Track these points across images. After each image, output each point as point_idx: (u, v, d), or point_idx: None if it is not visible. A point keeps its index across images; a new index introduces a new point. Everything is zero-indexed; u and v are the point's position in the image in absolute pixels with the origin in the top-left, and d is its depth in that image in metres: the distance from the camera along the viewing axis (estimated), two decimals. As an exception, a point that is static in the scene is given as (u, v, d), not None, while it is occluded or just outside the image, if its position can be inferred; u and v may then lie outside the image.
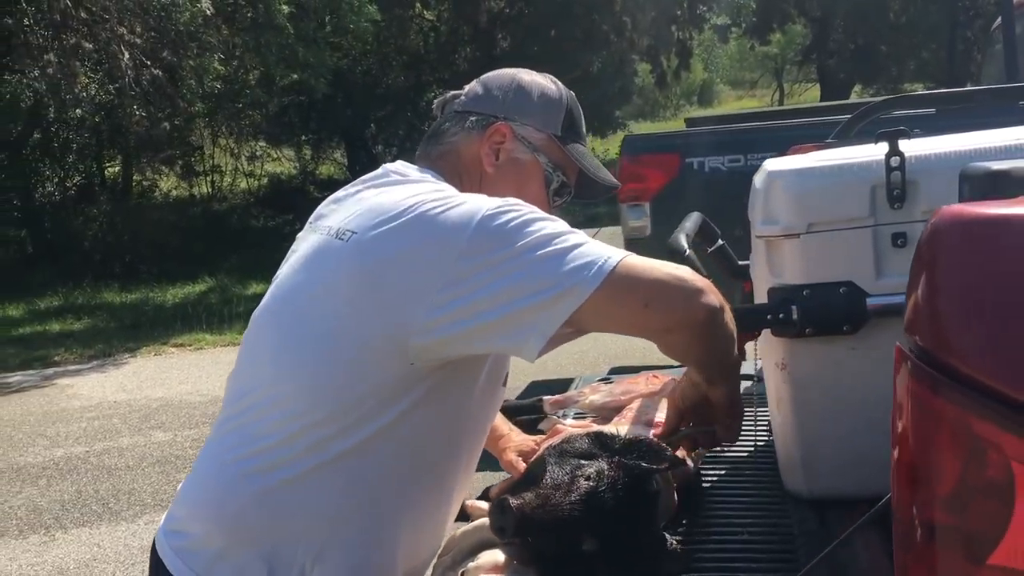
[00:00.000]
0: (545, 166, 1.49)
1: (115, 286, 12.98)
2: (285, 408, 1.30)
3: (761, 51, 31.41)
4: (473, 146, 1.46)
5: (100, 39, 11.39)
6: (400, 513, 1.36)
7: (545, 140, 1.49)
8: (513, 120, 1.47)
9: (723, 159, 4.74)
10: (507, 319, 1.21)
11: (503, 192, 1.40)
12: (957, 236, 0.81)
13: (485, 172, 1.46)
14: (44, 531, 4.60)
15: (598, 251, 1.22)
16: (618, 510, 1.33)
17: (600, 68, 17.82)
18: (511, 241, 1.21)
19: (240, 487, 1.33)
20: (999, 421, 0.75)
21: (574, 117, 1.54)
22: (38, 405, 7.29)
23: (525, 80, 1.52)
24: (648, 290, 1.24)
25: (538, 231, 1.22)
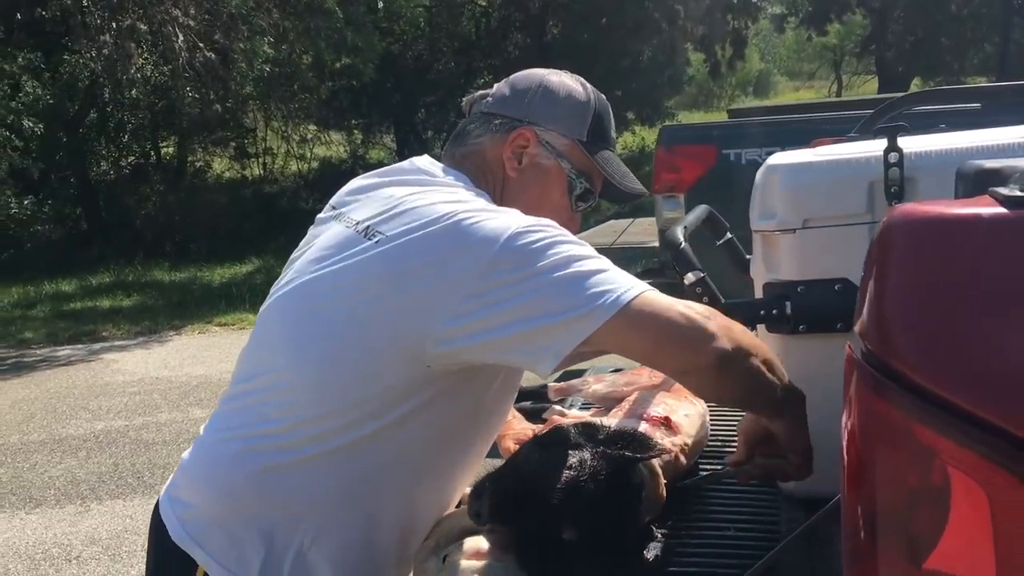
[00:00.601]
0: (568, 172, 1.47)
1: (165, 264, 13.25)
2: (290, 397, 1.32)
3: (819, 42, 30.86)
4: (497, 149, 1.45)
5: (155, 21, 11.57)
6: (402, 504, 1.39)
7: (569, 146, 1.46)
8: (537, 125, 1.45)
9: (760, 151, 4.67)
10: (523, 336, 1.21)
11: (524, 196, 1.44)
12: (904, 236, 0.79)
13: (507, 176, 1.45)
14: (80, 501, 4.73)
15: (619, 280, 1.22)
16: (599, 499, 1.33)
17: (650, 57, 17.67)
18: (535, 260, 1.21)
19: (240, 463, 1.35)
20: (938, 426, 0.74)
21: (602, 122, 1.51)
22: (83, 378, 7.48)
23: (553, 83, 1.48)
24: (659, 330, 1.22)
25: (563, 252, 1.22)
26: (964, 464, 0.72)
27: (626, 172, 1.54)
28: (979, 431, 0.70)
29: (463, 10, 18.27)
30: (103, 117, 15.88)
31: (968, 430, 0.71)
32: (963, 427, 0.71)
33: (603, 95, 1.54)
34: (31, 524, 4.47)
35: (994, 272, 0.75)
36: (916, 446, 0.76)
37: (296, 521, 1.34)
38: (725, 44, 21.28)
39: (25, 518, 4.55)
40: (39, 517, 4.55)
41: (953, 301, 0.75)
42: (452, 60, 18.43)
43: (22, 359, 8.52)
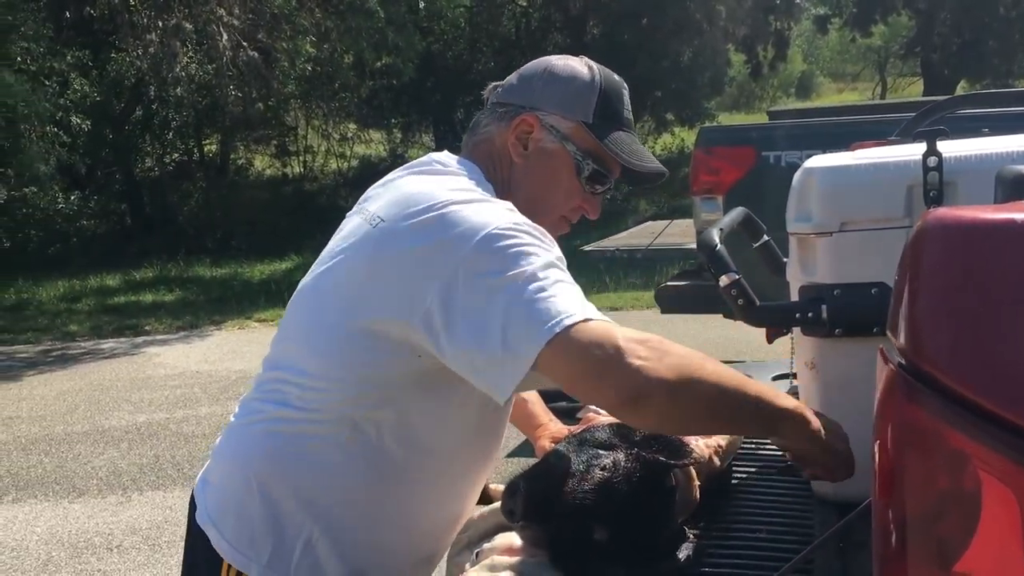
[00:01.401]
0: (574, 155, 1.45)
1: (207, 260, 13.43)
2: (306, 384, 1.36)
3: (863, 43, 30.47)
4: (503, 136, 1.46)
5: (200, 20, 11.74)
6: (408, 498, 1.40)
7: (575, 128, 1.45)
8: (539, 109, 1.44)
9: (800, 154, 4.63)
10: (475, 359, 1.21)
11: (532, 181, 1.46)
12: (939, 241, 0.79)
13: (514, 162, 1.46)
14: (122, 492, 4.81)
15: (564, 307, 1.17)
16: (632, 501, 1.33)
17: (691, 58, 17.57)
18: (499, 271, 1.20)
19: (260, 445, 1.40)
20: (969, 430, 0.74)
21: (610, 102, 1.47)
22: (126, 372, 7.61)
23: (556, 67, 1.48)
24: (583, 363, 1.17)
25: (525, 269, 1.20)
26: (995, 468, 0.72)
27: (641, 151, 1.50)
28: (1011, 435, 0.70)
29: (503, 10, 18.31)
30: (148, 114, 16.14)
31: (1000, 434, 0.71)
32: (994, 431, 0.72)
33: (616, 76, 1.51)
34: (74, 513, 4.56)
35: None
36: (947, 450, 0.76)
37: (305, 511, 1.38)
38: (767, 45, 21.10)
39: (68, 507, 4.65)
40: (82, 506, 4.65)
41: (986, 306, 0.75)
42: (492, 60, 18.47)
43: (67, 351, 8.69)
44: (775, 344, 2.02)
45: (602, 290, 9.74)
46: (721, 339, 6.93)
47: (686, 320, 7.03)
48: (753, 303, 1.52)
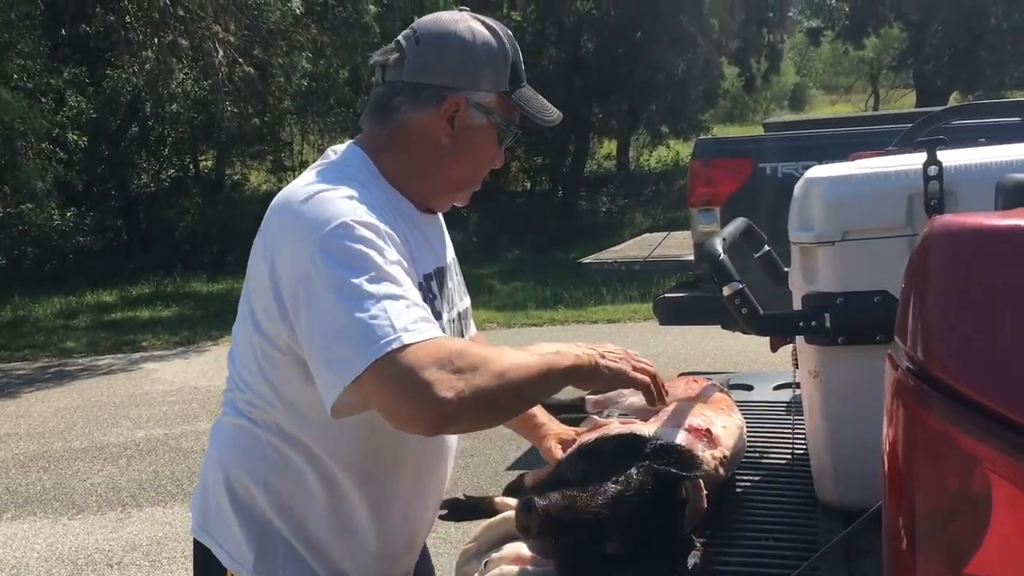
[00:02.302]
0: (499, 125, 1.47)
1: (203, 276, 13.43)
2: (243, 395, 1.46)
3: (856, 55, 30.62)
4: (427, 119, 1.43)
5: (196, 36, 11.76)
6: (366, 500, 1.46)
7: (496, 100, 1.46)
8: (466, 89, 1.43)
9: (797, 165, 4.65)
10: (313, 358, 1.28)
11: (460, 157, 1.47)
12: (945, 247, 0.81)
13: (440, 144, 1.44)
14: (121, 508, 4.80)
15: (380, 332, 1.20)
16: (644, 515, 1.34)
17: (685, 71, 17.65)
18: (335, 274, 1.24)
19: (228, 444, 1.48)
20: (979, 433, 0.75)
21: (516, 64, 1.48)
22: (124, 388, 7.60)
23: (469, 39, 1.43)
24: (404, 395, 1.20)
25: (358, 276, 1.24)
26: (1004, 470, 0.73)
27: (542, 104, 1.51)
28: (1020, 437, 0.71)
29: (498, 25, 18.39)
30: (144, 131, 16.16)
31: (1009, 436, 0.72)
32: (1004, 434, 0.73)
33: (507, 29, 1.50)
34: (73, 530, 4.55)
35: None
36: (957, 453, 0.77)
37: (279, 516, 1.45)
38: (760, 58, 21.20)
39: (68, 524, 4.63)
40: (81, 523, 4.64)
41: (993, 310, 0.76)
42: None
43: (64, 368, 8.67)
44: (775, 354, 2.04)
45: (599, 303, 9.76)
46: (719, 350, 6.95)
47: (684, 332, 7.05)
48: (757, 312, 1.54)
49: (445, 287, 1.53)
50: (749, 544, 1.54)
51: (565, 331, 8.66)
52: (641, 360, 1.45)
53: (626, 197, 18.17)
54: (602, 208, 17.79)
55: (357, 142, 1.48)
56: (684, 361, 6.63)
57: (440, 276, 1.51)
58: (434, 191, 1.50)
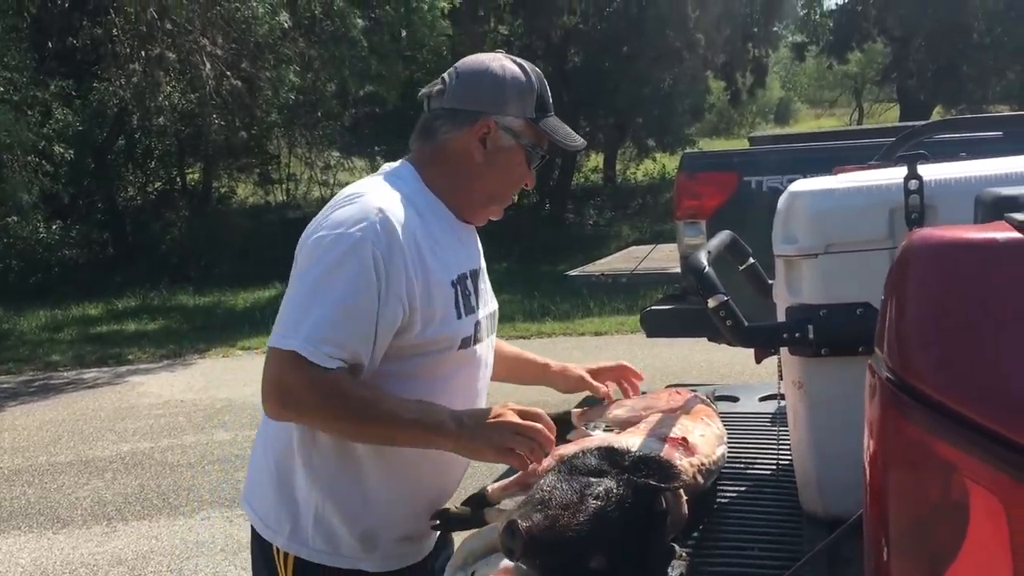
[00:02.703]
0: (527, 147, 1.70)
1: (189, 289, 13.39)
2: None
3: (840, 70, 30.86)
4: (463, 140, 1.68)
5: (183, 50, 11.76)
6: (394, 456, 1.64)
7: (523, 125, 1.69)
8: (496, 114, 1.67)
9: (782, 178, 4.68)
10: None
11: (494, 173, 1.71)
12: (923, 260, 0.82)
13: (475, 162, 1.68)
14: (107, 522, 4.78)
15: (292, 325, 1.53)
16: (626, 528, 1.35)
17: (671, 85, 17.74)
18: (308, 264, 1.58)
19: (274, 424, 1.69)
20: (957, 442, 0.76)
21: (543, 96, 1.72)
22: (110, 401, 7.56)
23: (500, 73, 1.69)
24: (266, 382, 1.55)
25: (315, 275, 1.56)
26: (983, 479, 0.74)
27: (568, 132, 1.75)
28: (997, 447, 0.73)
29: (485, 39, 18.44)
30: (131, 143, 16.13)
31: (987, 445, 0.74)
32: (982, 443, 0.74)
33: (538, 69, 1.75)
34: (58, 544, 4.52)
35: (1009, 293, 0.78)
36: (936, 461, 0.79)
37: (312, 484, 1.64)
38: (745, 72, 21.33)
39: (52, 538, 4.61)
40: (66, 537, 4.61)
41: (970, 321, 0.78)
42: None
43: (49, 381, 8.63)
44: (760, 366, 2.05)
45: (586, 315, 9.78)
46: (706, 362, 6.98)
47: (671, 344, 7.06)
48: (741, 324, 1.55)
49: (480, 287, 1.76)
50: (735, 553, 1.55)
51: (552, 343, 8.67)
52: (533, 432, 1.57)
53: (613, 210, 18.24)
54: (589, 221, 17.85)
55: (408, 159, 1.74)
56: (671, 373, 6.64)
57: (475, 277, 1.74)
58: (470, 203, 1.73)
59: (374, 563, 1.66)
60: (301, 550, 1.65)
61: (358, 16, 11.68)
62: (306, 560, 1.64)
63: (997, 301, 0.78)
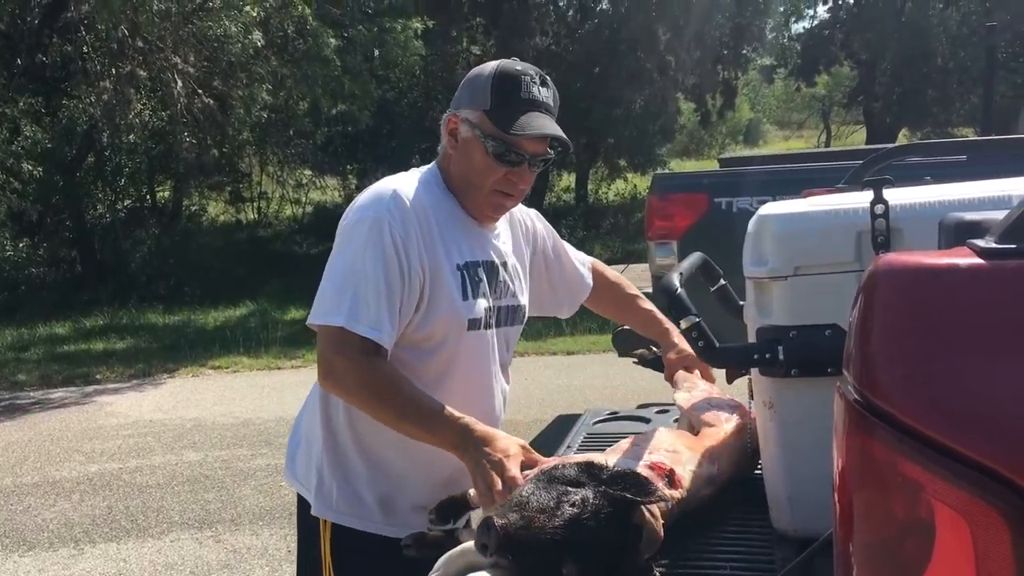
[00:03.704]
0: (479, 137, 1.79)
1: (159, 307, 13.25)
2: None
3: (808, 92, 31.28)
4: (444, 137, 1.87)
5: (155, 67, 11.71)
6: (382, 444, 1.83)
7: (480, 117, 1.79)
8: (458, 109, 1.83)
9: (751, 200, 4.76)
10: None
11: (460, 163, 1.84)
12: (889, 283, 0.85)
13: (448, 153, 1.86)
14: (74, 544, 4.71)
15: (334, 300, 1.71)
16: (599, 537, 1.38)
17: (643, 106, 17.90)
18: (339, 249, 1.77)
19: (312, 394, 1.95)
20: (923, 462, 0.79)
21: (507, 88, 1.77)
22: (77, 421, 7.46)
23: (472, 75, 1.85)
24: (322, 349, 1.73)
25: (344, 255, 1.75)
26: (948, 499, 0.77)
27: (534, 124, 1.77)
28: (962, 466, 0.75)
29: (458, 59, 18.53)
30: (100, 161, 15.98)
31: (951, 465, 0.76)
32: (946, 463, 0.77)
33: (518, 65, 1.81)
34: (24, 567, 4.45)
35: (972, 317, 0.80)
36: (902, 481, 0.81)
37: (330, 443, 1.86)
38: (715, 94, 21.58)
39: (19, 561, 4.53)
40: (32, 560, 4.54)
41: (934, 344, 0.81)
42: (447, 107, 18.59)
43: (15, 401, 8.49)
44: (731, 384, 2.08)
45: (559, 334, 9.81)
46: (677, 382, 6.99)
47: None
48: (713, 345, 1.58)
49: (497, 279, 1.89)
50: (708, 573, 1.56)
51: (525, 363, 8.68)
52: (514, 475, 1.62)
53: (585, 229, 18.31)
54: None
55: (436, 161, 1.92)
56: (643, 392, 6.66)
57: (490, 268, 1.87)
58: (466, 197, 1.85)
59: (396, 530, 1.74)
60: (329, 513, 1.84)
61: (331, 35, 11.69)
62: (338, 525, 1.83)
63: (959, 325, 0.81)
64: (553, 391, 7.01)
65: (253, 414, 7.20)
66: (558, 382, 7.40)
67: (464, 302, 1.79)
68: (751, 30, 20.58)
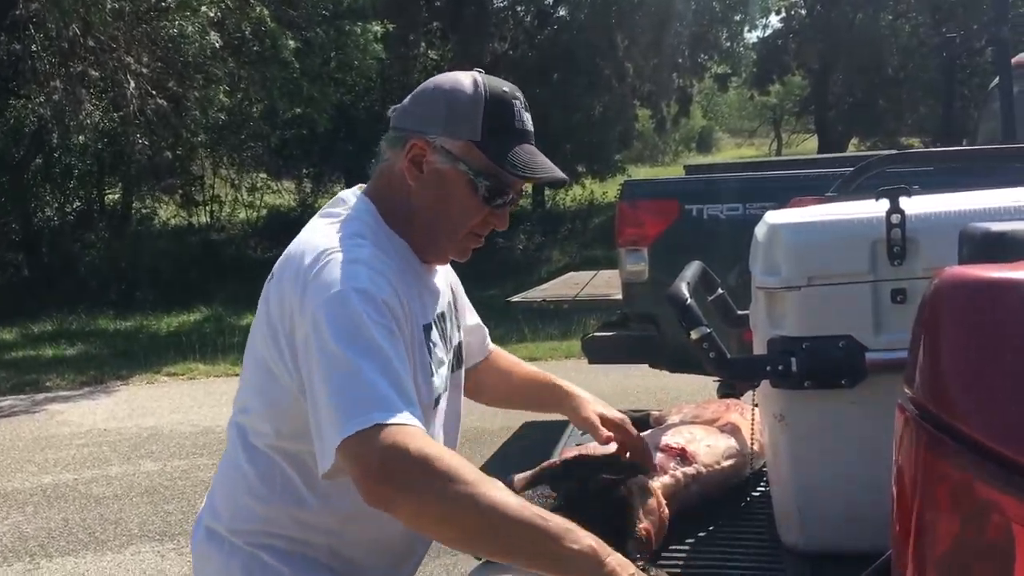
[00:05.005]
0: (467, 173, 1.46)
1: (110, 313, 12.96)
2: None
3: (760, 101, 31.72)
4: (396, 162, 1.49)
5: (107, 67, 11.47)
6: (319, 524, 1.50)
7: (463, 147, 1.46)
8: (427, 132, 1.46)
9: (722, 207, 4.76)
10: (311, 422, 1.33)
11: (426, 202, 1.49)
12: (960, 299, 0.82)
13: (411, 187, 1.48)
14: (29, 559, 4.56)
15: (363, 405, 1.25)
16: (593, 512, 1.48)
17: (601, 113, 17.97)
18: (335, 340, 1.30)
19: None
20: (1000, 484, 0.76)
21: (499, 116, 1.47)
22: (28, 430, 7.24)
23: (442, 87, 1.49)
24: (383, 465, 1.22)
25: (352, 344, 1.29)
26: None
27: (536, 161, 1.50)
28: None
29: (415, 63, 18.45)
30: (49, 162, 15.61)
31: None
32: (1022, 482, 0.74)
33: (506, 86, 1.50)
34: (-24, 583, 4.30)
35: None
36: (976, 503, 0.78)
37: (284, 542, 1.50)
38: (671, 101, 21.75)
39: (-30, 577, 4.38)
40: (-15, 575, 4.38)
41: (1009, 360, 0.78)
42: (401, 113, 18.54)
43: (-39, 410, 8.23)
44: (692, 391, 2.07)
45: (521, 340, 9.77)
46: (641, 388, 7.02)
47: (607, 371, 7.08)
48: (724, 356, 1.55)
49: (445, 330, 1.58)
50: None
51: (487, 369, 8.63)
52: None
53: (543, 235, 18.31)
54: (519, 246, 17.89)
55: (365, 190, 1.55)
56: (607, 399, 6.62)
57: (441, 321, 1.56)
58: (420, 240, 1.52)
59: None
60: None
61: (289, 38, 11.55)
62: None
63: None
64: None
65: (212, 422, 7.05)
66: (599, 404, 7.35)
67: (432, 379, 1.48)
68: (707, 38, 20.79)
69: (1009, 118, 4.76)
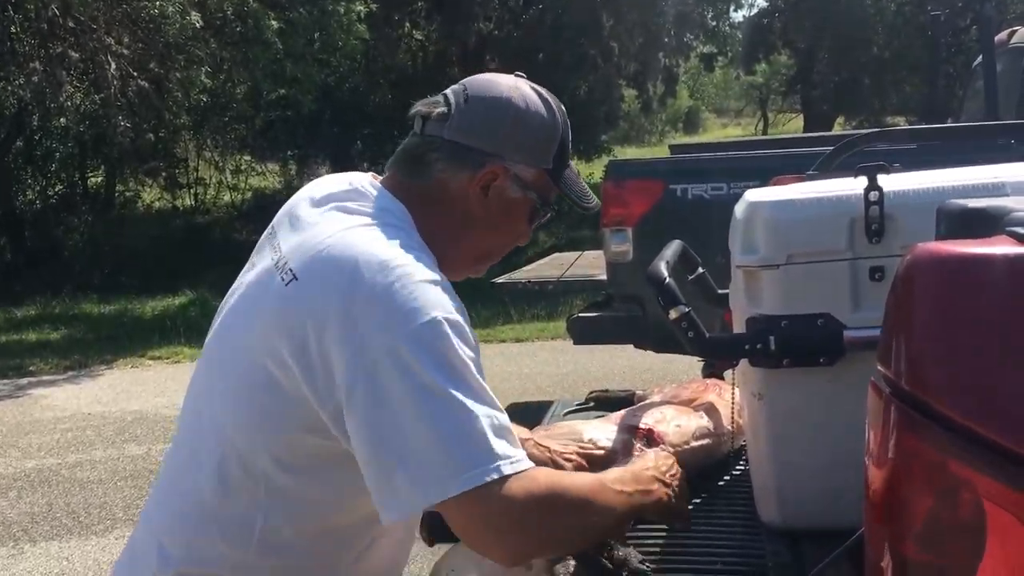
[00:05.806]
0: (535, 202, 1.42)
1: (94, 297, 12.88)
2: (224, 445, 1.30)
3: (746, 80, 31.68)
4: (462, 183, 1.36)
5: (87, 49, 11.34)
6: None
7: (536, 176, 1.40)
8: (505, 158, 1.37)
9: (706, 187, 4.76)
10: (380, 464, 1.16)
11: (486, 224, 1.40)
12: (933, 274, 0.81)
13: (470, 209, 1.38)
14: (13, 543, 4.54)
15: (476, 456, 1.14)
16: None
17: (587, 93, 17.91)
18: (437, 377, 1.15)
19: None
20: (973, 461, 0.75)
21: (565, 144, 1.44)
22: (11, 415, 7.21)
23: (523, 112, 1.38)
24: (491, 528, 1.17)
25: (451, 380, 1.15)
26: (999, 498, 0.73)
27: (583, 189, 1.49)
28: (1018, 468, 0.71)
29: (400, 44, 18.32)
30: (30, 145, 15.47)
31: (1003, 463, 0.73)
32: (997, 460, 0.73)
33: (562, 105, 1.46)
34: (-40, 569, 4.28)
35: (1020, 308, 0.77)
36: (949, 480, 0.77)
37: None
38: (657, 81, 21.69)
39: (-47, 562, 4.36)
40: (-32, 561, 4.36)
41: (982, 336, 0.77)
42: (389, 93, 18.41)
43: (-56, 395, 8.18)
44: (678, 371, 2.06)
45: (507, 322, 9.77)
46: (627, 368, 7.03)
47: (591, 351, 7.09)
48: (703, 335, 1.55)
49: None
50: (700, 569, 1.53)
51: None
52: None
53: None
54: None
55: (393, 190, 1.37)
56: (593, 379, 6.66)
57: None
58: (455, 258, 1.39)
59: None
60: None
61: (272, 18, 11.44)
62: None
63: (1006, 315, 0.77)
64: (503, 379, 6.96)
65: (197, 405, 7.02)
66: (507, 369, 7.35)
67: None
68: (693, 18, 20.72)
69: (992, 96, 4.76)
